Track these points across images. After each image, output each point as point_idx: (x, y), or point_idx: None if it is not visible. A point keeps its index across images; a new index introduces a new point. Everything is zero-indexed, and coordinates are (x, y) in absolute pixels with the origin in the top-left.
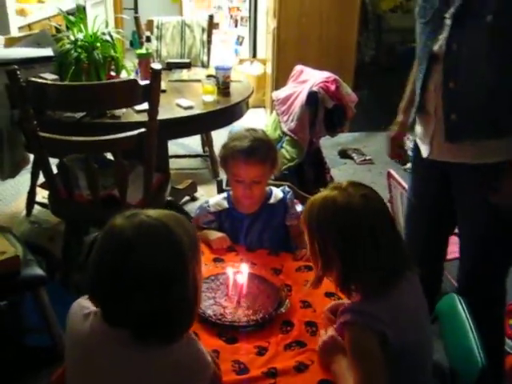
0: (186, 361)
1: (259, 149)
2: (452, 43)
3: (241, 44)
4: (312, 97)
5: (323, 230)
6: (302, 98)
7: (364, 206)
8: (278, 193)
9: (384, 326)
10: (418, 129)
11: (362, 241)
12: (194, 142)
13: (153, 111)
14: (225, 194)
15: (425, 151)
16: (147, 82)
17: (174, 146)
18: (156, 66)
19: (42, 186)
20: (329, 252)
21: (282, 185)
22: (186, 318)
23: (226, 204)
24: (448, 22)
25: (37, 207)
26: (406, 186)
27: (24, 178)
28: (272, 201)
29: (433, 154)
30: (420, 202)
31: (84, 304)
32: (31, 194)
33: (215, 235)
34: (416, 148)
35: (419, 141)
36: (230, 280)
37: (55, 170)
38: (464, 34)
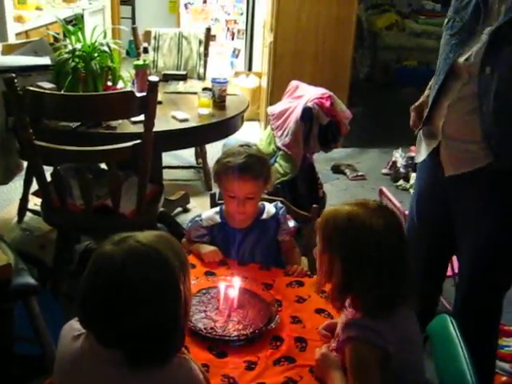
0: (179, 380)
1: (253, 165)
2: (486, 66)
3: (237, 57)
4: (307, 112)
5: (337, 240)
6: (297, 113)
7: (385, 238)
8: (270, 208)
9: (386, 343)
10: (422, 140)
11: (372, 261)
12: (187, 153)
13: (149, 123)
14: (217, 209)
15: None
16: (144, 94)
17: (168, 157)
18: (153, 78)
19: (35, 193)
20: (335, 260)
21: (274, 200)
22: (178, 337)
23: (218, 219)
24: (484, 37)
25: (29, 214)
26: (398, 204)
27: (17, 185)
28: (264, 216)
29: (447, 171)
30: (422, 221)
31: (75, 326)
32: (23, 200)
33: (207, 249)
34: (419, 167)
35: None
36: (221, 294)
37: (49, 178)
38: (499, 59)
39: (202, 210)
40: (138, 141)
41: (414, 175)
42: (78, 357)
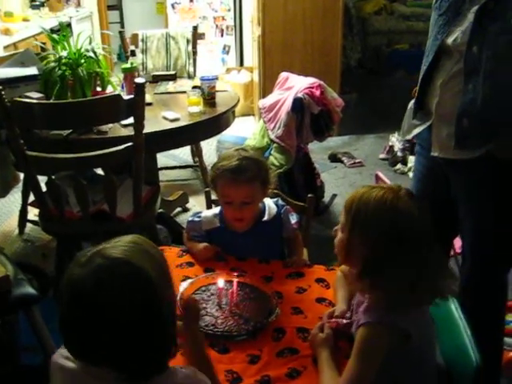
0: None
1: (247, 167)
2: (473, 46)
3: (227, 53)
4: (297, 103)
5: (376, 227)
6: (288, 104)
7: (422, 221)
8: (271, 208)
9: (408, 324)
10: (416, 123)
11: (410, 254)
12: (183, 153)
13: (139, 125)
14: (216, 211)
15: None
16: (131, 96)
17: (164, 158)
18: (139, 79)
19: (33, 204)
20: (366, 246)
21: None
22: (168, 346)
23: (217, 223)
24: (470, 16)
25: (29, 225)
26: None
27: (15, 197)
28: (266, 218)
29: (434, 150)
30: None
31: (63, 352)
32: (23, 212)
33: (199, 247)
34: (417, 151)
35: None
36: (220, 290)
37: (45, 188)
38: (485, 38)
39: (201, 208)
40: (130, 143)
41: (411, 158)
42: (72, 378)
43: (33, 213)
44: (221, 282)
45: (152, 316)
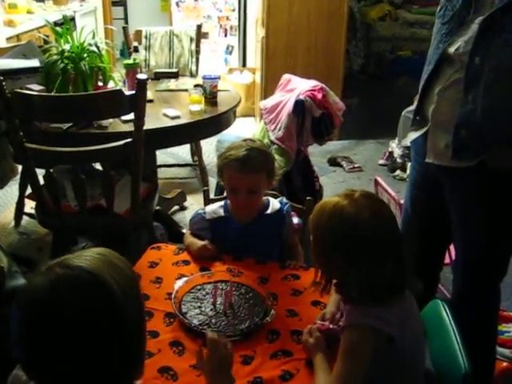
0: None
1: (255, 158)
2: (475, 56)
3: (230, 53)
4: (299, 105)
5: (327, 237)
6: (289, 106)
7: (371, 224)
8: (275, 204)
9: (390, 328)
10: (412, 129)
11: (363, 257)
12: (183, 151)
13: (139, 121)
14: (222, 203)
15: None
16: (133, 92)
17: (163, 155)
18: (141, 76)
19: (29, 196)
20: (327, 260)
21: (272, 194)
22: (133, 364)
23: (222, 212)
24: (474, 27)
25: (25, 218)
26: (393, 193)
27: (13, 189)
28: (269, 211)
29: (428, 157)
30: (417, 211)
31: (21, 374)
32: (20, 204)
33: (197, 245)
34: (412, 157)
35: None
36: (215, 289)
37: (42, 181)
38: (489, 50)
39: (198, 207)
40: (129, 139)
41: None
42: None
43: (30, 205)
44: (216, 282)
45: (112, 330)
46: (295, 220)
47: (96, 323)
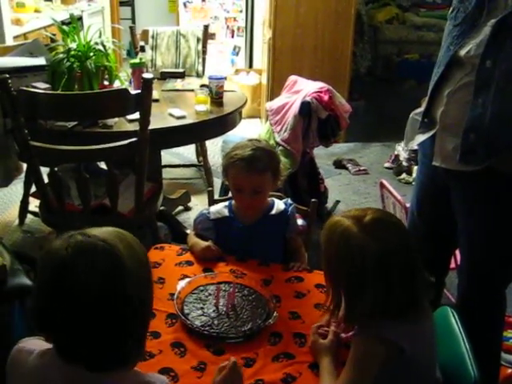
0: None
1: (260, 158)
2: (486, 59)
3: (237, 54)
4: (305, 107)
5: (336, 264)
6: (295, 108)
7: (379, 252)
8: (280, 205)
9: (403, 341)
10: (420, 132)
11: (371, 285)
12: (188, 152)
13: (144, 120)
14: (226, 203)
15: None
16: (138, 91)
17: (168, 156)
18: (147, 75)
19: (34, 195)
20: (338, 280)
21: (277, 195)
22: (131, 343)
23: (226, 212)
24: (486, 29)
25: (30, 216)
26: (399, 197)
27: (18, 187)
28: (273, 212)
29: (435, 160)
30: (423, 215)
31: (25, 348)
32: (24, 203)
33: (201, 246)
34: (420, 159)
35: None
36: (218, 291)
37: (47, 180)
38: (501, 53)
39: (203, 208)
40: (134, 139)
41: (416, 168)
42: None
43: (34, 204)
44: (220, 283)
45: (118, 300)
46: (300, 222)
47: (104, 289)
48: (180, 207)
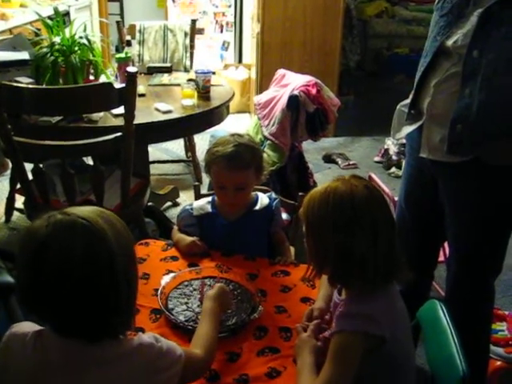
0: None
1: (242, 154)
2: (474, 49)
3: (227, 49)
4: (293, 100)
5: (322, 221)
6: (283, 101)
7: (368, 197)
8: (263, 199)
9: (382, 329)
10: (407, 123)
11: (362, 233)
12: (176, 147)
13: (129, 115)
14: (209, 198)
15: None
16: (122, 85)
17: (157, 151)
18: (131, 69)
19: (19, 191)
20: (326, 245)
21: (263, 189)
22: (118, 315)
23: (209, 208)
24: (473, 19)
25: (16, 213)
26: (387, 190)
27: (3, 184)
28: (257, 207)
29: (422, 151)
30: (411, 207)
31: (19, 331)
32: (10, 199)
33: (186, 241)
34: (407, 151)
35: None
36: (203, 286)
37: (31, 176)
38: (488, 43)
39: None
40: (119, 133)
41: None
42: (40, 362)
43: (20, 201)
44: (204, 278)
45: (102, 274)
46: (284, 216)
47: (87, 264)
48: (168, 203)
